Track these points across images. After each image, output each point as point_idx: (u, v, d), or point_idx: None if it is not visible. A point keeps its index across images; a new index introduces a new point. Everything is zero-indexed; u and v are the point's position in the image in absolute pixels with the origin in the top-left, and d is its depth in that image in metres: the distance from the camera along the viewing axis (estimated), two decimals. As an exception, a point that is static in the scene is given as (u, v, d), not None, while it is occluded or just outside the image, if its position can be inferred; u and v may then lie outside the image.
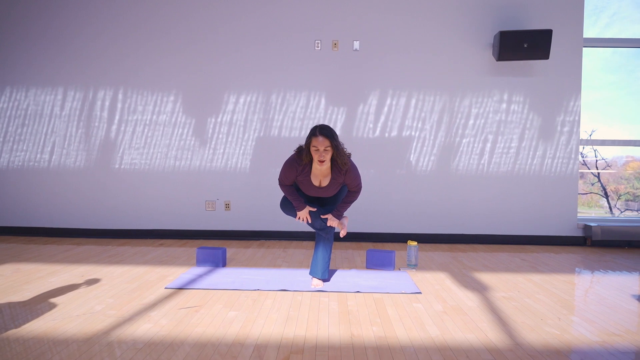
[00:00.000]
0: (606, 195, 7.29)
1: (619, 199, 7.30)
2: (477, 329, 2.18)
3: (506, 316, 2.38)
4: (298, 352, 1.88)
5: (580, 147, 6.14)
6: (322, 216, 2.85)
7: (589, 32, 4.75)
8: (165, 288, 2.80)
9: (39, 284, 2.88)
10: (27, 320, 2.20)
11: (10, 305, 2.44)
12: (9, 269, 3.27)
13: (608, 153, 6.47)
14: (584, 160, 7.82)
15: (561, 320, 2.33)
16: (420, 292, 2.79)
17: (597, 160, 7.45)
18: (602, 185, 7.38)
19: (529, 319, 2.35)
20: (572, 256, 4.08)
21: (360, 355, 1.86)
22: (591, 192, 7.60)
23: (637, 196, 7.60)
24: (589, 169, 7.64)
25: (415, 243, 3.47)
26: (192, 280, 2.96)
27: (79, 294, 2.67)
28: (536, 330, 2.17)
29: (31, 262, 3.51)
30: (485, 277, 3.22)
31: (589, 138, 5.77)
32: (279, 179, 2.83)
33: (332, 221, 2.83)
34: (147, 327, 2.14)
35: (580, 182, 7.37)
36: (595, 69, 5.20)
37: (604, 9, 5.16)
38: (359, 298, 2.67)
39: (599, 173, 7.48)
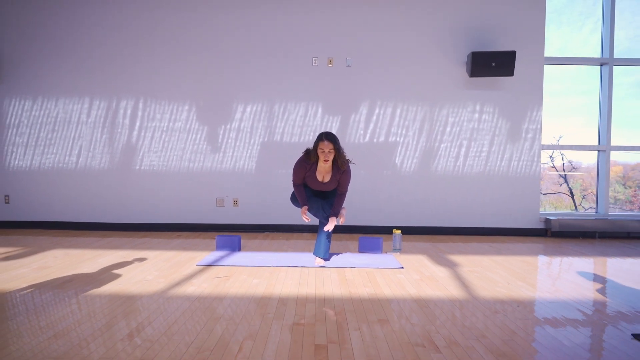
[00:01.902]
0: (572, 195, 8.09)
1: (583, 198, 8.06)
2: (445, 289, 2.87)
3: (468, 282, 3.07)
4: (311, 302, 2.54)
5: (550, 151, 6.89)
6: (328, 226, 3.52)
7: (575, 37, 5.44)
8: (197, 265, 3.44)
9: (92, 263, 3.49)
10: (100, 285, 2.83)
11: (81, 275, 3.07)
12: (59, 253, 3.87)
13: (593, 157, 6.80)
14: (553, 164, 8.62)
15: (509, 284, 3.03)
16: (402, 267, 3.47)
17: (564, 164, 8.25)
18: (568, 186, 8.18)
19: (486, 283, 3.04)
20: (533, 244, 4.80)
21: (358, 304, 2.53)
22: (558, 192, 8.40)
23: (618, 199, 8.28)
24: (557, 172, 8.44)
25: (399, 231, 4.15)
26: (217, 260, 3.60)
27: (129, 269, 3.29)
28: (489, 290, 2.87)
29: (74, 248, 4.11)
30: (457, 258, 3.92)
31: (556, 143, 6.52)
32: (292, 180, 3.50)
33: (333, 220, 3.51)
34: (193, 289, 2.78)
35: (566, 184, 8.11)
36: (583, 75, 5.85)
37: (589, 15, 5.71)
38: (354, 271, 3.35)
39: (565, 175, 8.29)
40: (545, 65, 5.33)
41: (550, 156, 8.52)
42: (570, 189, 8.16)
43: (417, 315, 2.36)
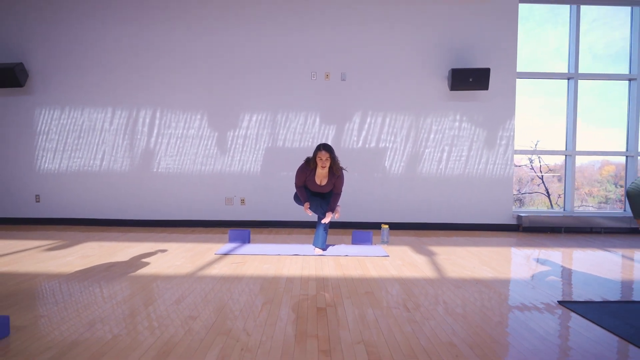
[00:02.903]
0: (548, 194, 8.77)
1: (556, 195, 8.70)
2: (421, 271, 3.53)
3: (441, 267, 3.73)
4: (312, 281, 3.19)
5: (529, 155, 7.55)
6: (325, 219, 4.17)
7: (567, 37, 6.19)
8: (215, 254, 4.08)
9: (124, 253, 4.13)
10: (139, 268, 3.46)
11: (119, 262, 3.70)
12: (92, 245, 4.50)
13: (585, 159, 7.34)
14: (532, 166, 9.31)
15: (475, 268, 3.69)
16: (388, 256, 4.13)
17: (540, 166, 8.94)
18: (545, 186, 8.87)
19: (456, 267, 3.70)
20: (505, 238, 5.47)
21: (349, 282, 3.18)
22: (536, 192, 9.09)
23: (610, 198, 8.78)
24: (535, 173, 9.13)
25: (387, 226, 4.81)
26: (231, 250, 4.24)
27: (158, 257, 3.93)
28: (457, 272, 3.53)
29: (104, 241, 4.74)
30: (436, 249, 4.58)
31: (533, 148, 7.25)
32: (295, 183, 4.14)
33: (329, 215, 4.16)
34: (216, 272, 3.43)
35: (559, 185, 8.80)
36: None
37: (584, 15, 6.14)
38: (347, 259, 4.00)
39: (542, 175, 8.98)
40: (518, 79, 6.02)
41: (530, 159, 9.23)
42: (546, 189, 8.86)
43: (395, 289, 3.02)
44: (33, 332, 2.15)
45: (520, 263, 3.99)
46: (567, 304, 2.72)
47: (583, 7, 6.14)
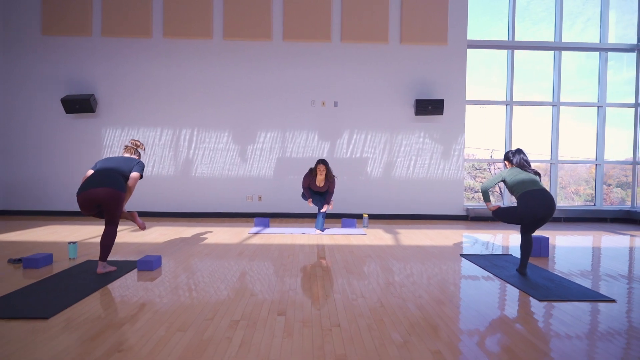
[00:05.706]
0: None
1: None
2: (385, 242, 5.49)
3: (399, 240, 5.70)
4: (315, 246, 5.14)
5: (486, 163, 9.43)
6: (322, 209, 6.12)
7: (566, 36, 8.09)
8: (249, 233, 6.01)
9: (186, 232, 6.04)
10: (202, 241, 5.40)
11: (188, 237, 5.63)
12: (159, 228, 6.41)
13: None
14: (489, 169, 11.24)
15: (420, 240, 5.67)
16: (365, 234, 6.09)
17: (495, 170, 10.91)
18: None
19: (409, 239, 5.68)
20: (454, 225, 7.44)
21: (338, 247, 5.13)
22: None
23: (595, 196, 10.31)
24: (491, 174, 11.07)
25: (367, 215, 6.78)
26: (259, 231, 6.18)
27: (210, 235, 5.86)
28: (407, 242, 5.50)
29: (165, 226, 6.64)
30: (400, 230, 6.54)
31: (490, 156, 9.22)
32: (302, 185, 6.08)
33: (325, 206, 6.11)
34: (255, 242, 5.36)
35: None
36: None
37: (579, 14, 7.42)
38: (338, 236, 5.95)
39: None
40: (467, 105, 8.01)
41: (489, 163, 11.20)
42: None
43: (366, 249, 4.98)
44: (174, 265, 4.08)
45: (453, 238, 5.97)
46: (464, 256, 4.70)
47: (517, 52, 8.14)
